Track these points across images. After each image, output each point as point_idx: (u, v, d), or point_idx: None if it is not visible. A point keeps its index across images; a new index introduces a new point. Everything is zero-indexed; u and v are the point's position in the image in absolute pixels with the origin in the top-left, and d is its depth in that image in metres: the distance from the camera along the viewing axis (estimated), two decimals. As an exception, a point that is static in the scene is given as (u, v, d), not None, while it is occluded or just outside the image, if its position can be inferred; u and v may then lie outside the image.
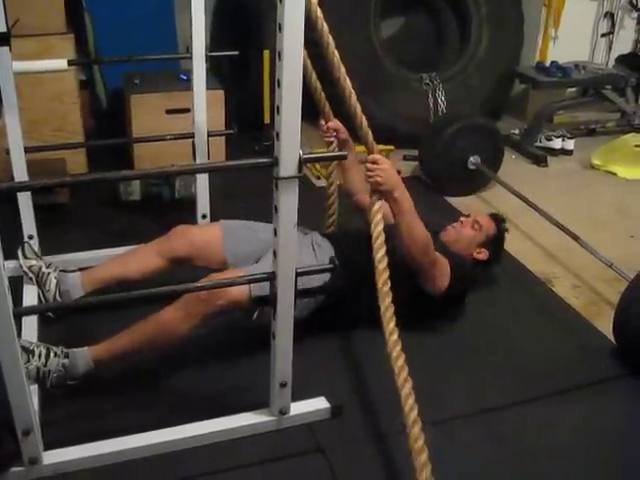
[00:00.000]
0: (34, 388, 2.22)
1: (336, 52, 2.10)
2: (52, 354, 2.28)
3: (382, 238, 2.18)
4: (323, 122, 2.73)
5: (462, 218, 3.06)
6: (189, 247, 2.76)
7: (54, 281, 2.69)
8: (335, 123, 2.73)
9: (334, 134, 2.74)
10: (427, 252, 2.55)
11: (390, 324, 2.12)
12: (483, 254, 2.98)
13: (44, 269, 2.72)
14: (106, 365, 2.34)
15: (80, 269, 2.77)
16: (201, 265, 2.76)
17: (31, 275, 2.71)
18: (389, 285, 2.15)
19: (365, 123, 2.22)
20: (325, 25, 2.02)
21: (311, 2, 1.90)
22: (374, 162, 2.33)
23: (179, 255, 2.76)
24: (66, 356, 2.29)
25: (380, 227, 2.20)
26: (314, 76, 2.54)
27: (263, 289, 2.08)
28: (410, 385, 2.07)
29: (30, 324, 2.58)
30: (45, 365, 2.25)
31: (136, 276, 2.73)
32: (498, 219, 3.09)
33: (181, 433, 2.18)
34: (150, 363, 2.47)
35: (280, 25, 1.66)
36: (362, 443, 2.24)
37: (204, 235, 2.81)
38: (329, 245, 2.76)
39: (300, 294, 2.04)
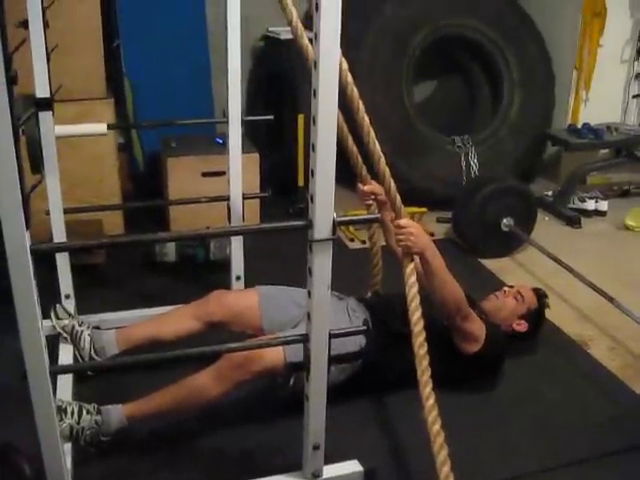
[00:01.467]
0: (67, 447, 2.23)
1: (366, 117, 2.16)
2: (85, 412, 2.30)
3: (417, 300, 2.19)
4: (361, 185, 2.75)
5: (505, 288, 3.08)
6: (226, 312, 2.77)
7: (88, 338, 2.72)
8: (372, 186, 2.72)
9: (372, 197, 2.76)
10: (460, 307, 2.57)
11: (427, 388, 2.12)
12: (523, 326, 2.98)
13: (77, 327, 2.76)
14: (139, 423, 2.36)
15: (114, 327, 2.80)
16: (237, 330, 2.78)
17: (65, 335, 2.75)
18: (425, 348, 2.15)
19: (393, 187, 2.26)
20: (355, 90, 2.07)
21: (341, 68, 1.94)
22: (401, 227, 2.35)
23: (215, 320, 2.77)
24: (99, 412, 2.31)
25: (415, 289, 2.21)
26: (350, 140, 2.57)
27: (298, 355, 2.08)
28: (446, 452, 2.06)
29: (65, 382, 2.58)
30: (78, 423, 2.27)
31: (170, 337, 2.74)
32: (540, 294, 3.09)
33: (213, 495, 2.17)
34: (183, 423, 2.48)
35: (315, 91, 1.70)
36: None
37: (241, 301, 2.82)
38: (364, 310, 2.77)
39: (335, 360, 2.04)
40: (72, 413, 2.28)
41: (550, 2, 5.19)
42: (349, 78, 2.03)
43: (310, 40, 1.72)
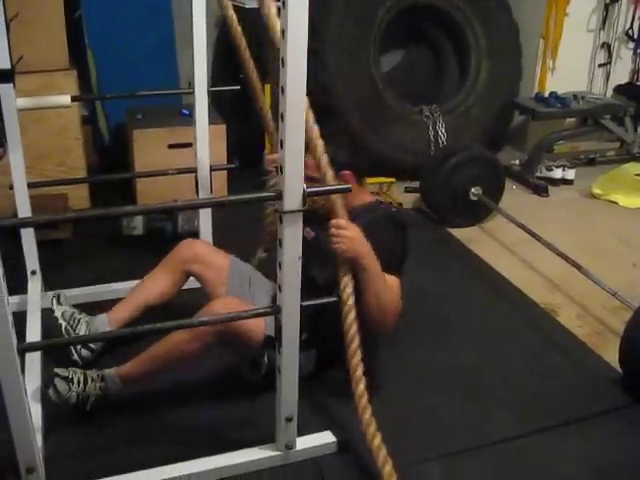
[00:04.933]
0: (38, 426, 2.21)
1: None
2: (90, 380, 2.41)
3: (353, 314, 2.10)
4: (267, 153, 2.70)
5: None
6: (195, 257, 2.79)
7: (85, 325, 2.74)
8: (273, 155, 2.50)
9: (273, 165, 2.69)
10: (397, 313, 2.42)
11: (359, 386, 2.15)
12: (347, 177, 2.48)
13: (76, 315, 2.77)
14: (132, 382, 2.45)
15: (105, 310, 2.80)
16: (205, 284, 2.80)
17: (62, 321, 2.73)
18: (360, 358, 2.14)
19: (325, 163, 1.98)
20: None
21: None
22: (338, 227, 2.15)
23: (187, 267, 2.80)
24: (102, 379, 2.41)
25: (351, 302, 2.09)
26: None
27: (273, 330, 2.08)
28: (379, 440, 2.12)
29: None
30: (84, 390, 2.38)
31: (158, 300, 2.79)
32: None
33: (186, 469, 2.16)
34: (154, 396, 2.48)
35: (283, 60, 1.68)
36: (368, 477, 2.22)
37: (212, 254, 2.84)
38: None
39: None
40: (78, 382, 2.39)
41: (517, -30, 5.18)
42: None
43: (278, 9, 1.69)
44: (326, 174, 1.99)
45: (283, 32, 1.65)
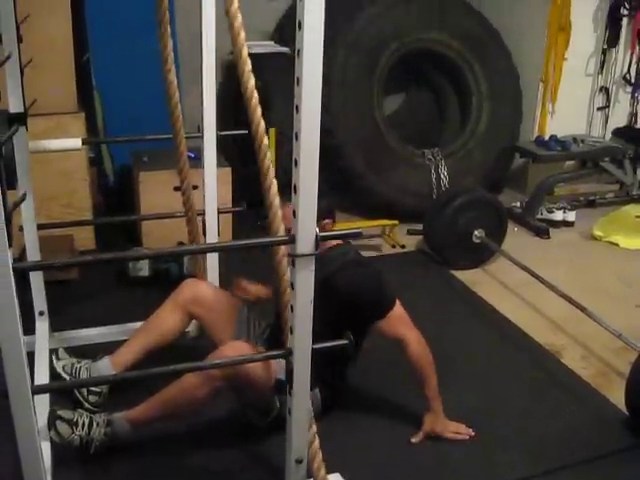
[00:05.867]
0: (48, 466, 2.21)
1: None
2: (95, 424, 2.39)
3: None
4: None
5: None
6: (199, 298, 2.81)
7: (86, 373, 2.73)
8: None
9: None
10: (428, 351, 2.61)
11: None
12: (326, 225, 2.53)
13: (76, 365, 2.76)
14: (142, 426, 2.45)
15: (108, 352, 2.79)
16: (208, 326, 2.82)
17: (65, 375, 2.73)
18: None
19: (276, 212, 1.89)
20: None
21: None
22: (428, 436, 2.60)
23: (191, 308, 2.80)
24: (108, 424, 2.40)
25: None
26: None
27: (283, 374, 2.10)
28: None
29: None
30: (88, 434, 2.38)
31: (160, 342, 2.77)
32: None
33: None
34: (166, 438, 2.48)
35: (297, 107, 1.71)
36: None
37: (216, 293, 2.88)
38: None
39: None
40: (83, 425, 2.38)
41: (517, 17, 5.27)
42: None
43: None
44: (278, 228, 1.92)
45: (298, 80, 1.69)
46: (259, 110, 1.83)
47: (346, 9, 4.60)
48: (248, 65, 1.78)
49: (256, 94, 1.81)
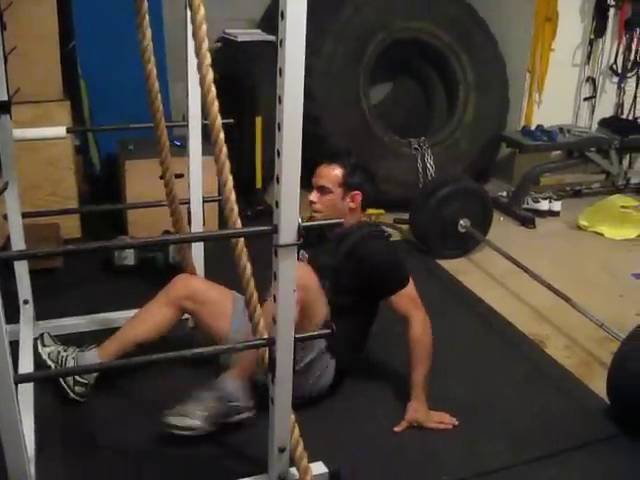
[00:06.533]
0: (31, 456, 2.21)
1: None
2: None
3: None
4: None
5: (311, 197, 2.76)
6: (191, 294, 2.80)
7: (72, 362, 2.70)
8: None
9: None
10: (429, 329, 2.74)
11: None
12: (356, 196, 2.75)
13: (62, 353, 2.73)
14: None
15: (96, 343, 2.77)
16: (203, 318, 2.83)
17: (50, 363, 2.71)
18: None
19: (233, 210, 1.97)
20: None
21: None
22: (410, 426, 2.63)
23: (183, 303, 2.79)
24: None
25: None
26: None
27: None
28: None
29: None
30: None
31: (149, 335, 2.74)
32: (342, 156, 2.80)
33: (179, 500, 2.17)
34: (148, 427, 2.47)
35: (280, 97, 1.71)
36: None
37: (210, 289, 2.88)
38: None
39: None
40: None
41: (504, 7, 5.28)
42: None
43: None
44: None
45: (280, 70, 1.68)
46: (216, 104, 1.82)
47: (333, -2, 4.61)
48: (207, 59, 1.76)
49: (214, 88, 1.81)
